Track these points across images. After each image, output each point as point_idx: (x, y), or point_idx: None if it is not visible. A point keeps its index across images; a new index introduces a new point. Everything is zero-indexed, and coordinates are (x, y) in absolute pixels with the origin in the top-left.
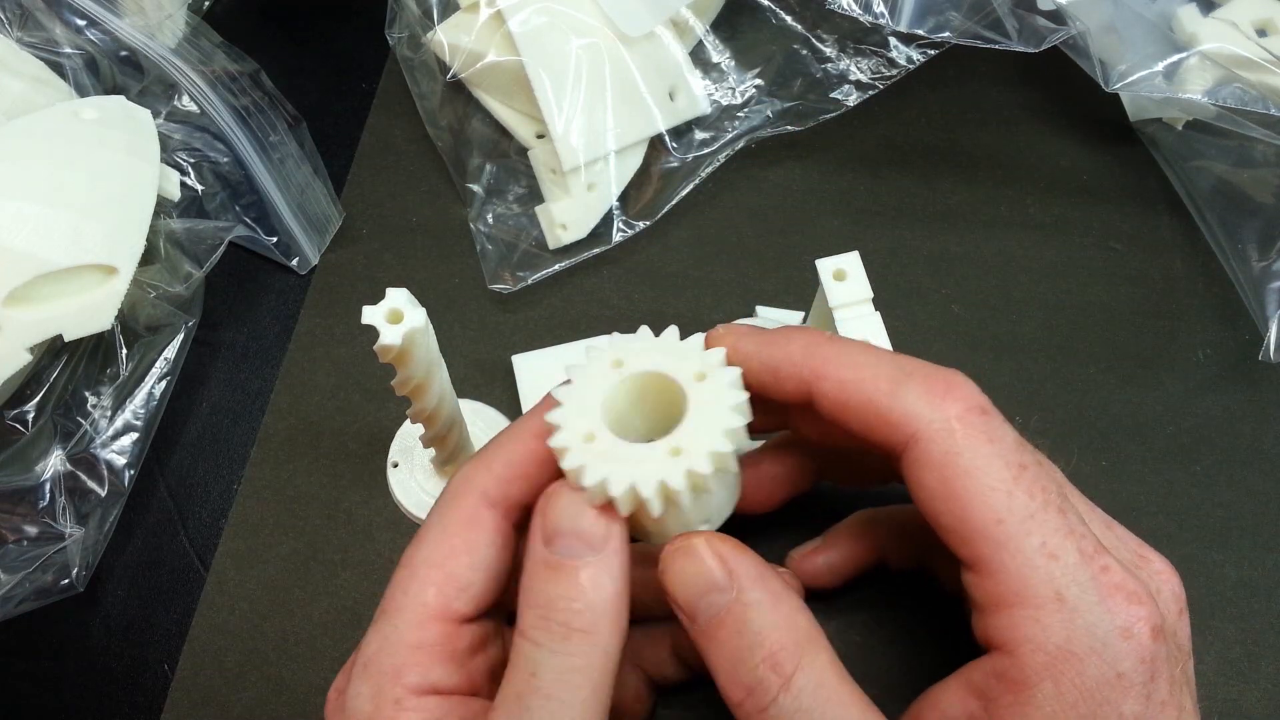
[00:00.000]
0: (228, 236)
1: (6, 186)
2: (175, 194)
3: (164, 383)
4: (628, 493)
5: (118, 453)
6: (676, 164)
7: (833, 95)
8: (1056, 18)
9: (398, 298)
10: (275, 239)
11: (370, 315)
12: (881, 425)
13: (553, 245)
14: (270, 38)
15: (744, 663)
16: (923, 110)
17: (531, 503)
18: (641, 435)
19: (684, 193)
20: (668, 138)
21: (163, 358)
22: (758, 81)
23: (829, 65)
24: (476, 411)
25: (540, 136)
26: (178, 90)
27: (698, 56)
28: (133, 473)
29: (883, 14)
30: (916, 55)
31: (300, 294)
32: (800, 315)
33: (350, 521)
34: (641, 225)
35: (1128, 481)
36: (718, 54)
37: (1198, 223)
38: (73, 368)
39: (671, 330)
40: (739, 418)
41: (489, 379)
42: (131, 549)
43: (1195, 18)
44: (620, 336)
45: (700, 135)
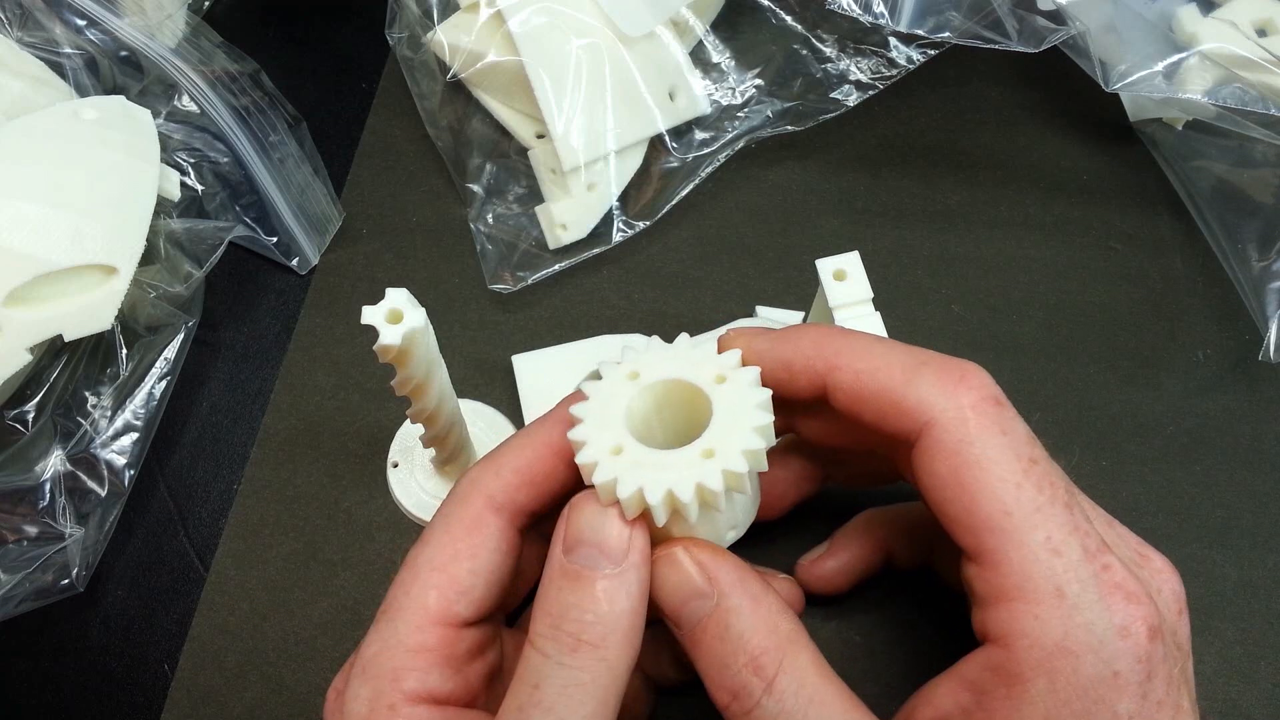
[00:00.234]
0: (228, 236)
1: (6, 186)
2: (175, 194)
3: (164, 383)
4: (665, 499)
5: (118, 453)
6: (676, 164)
7: (833, 95)
8: (1056, 18)
9: (398, 298)
10: (275, 239)
11: (370, 315)
12: (895, 414)
13: (553, 245)
14: (270, 38)
15: (728, 667)
16: (923, 110)
17: (538, 509)
18: (662, 445)
19: (684, 193)
20: (668, 138)
21: (163, 358)
22: (758, 81)
23: (829, 65)
24: (476, 411)
25: (540, 136)
26: (178, 90)
27: (698, 56)
28: (133, 473)
29: (883, 14)
30: (916, 55)
31: (300, 294)
32: (800, 315)
33: (350, 521)
34: (641, 225)
35: (1128, 481)
36: (718, 54)
37: (1198, 223)
38: (73, 368)
39: (683, 337)
40: (766, 415)
41: (489, 379)
42: (131, 549)
43: (1195, 18)
44: (630, 345)
45: (700, 135)
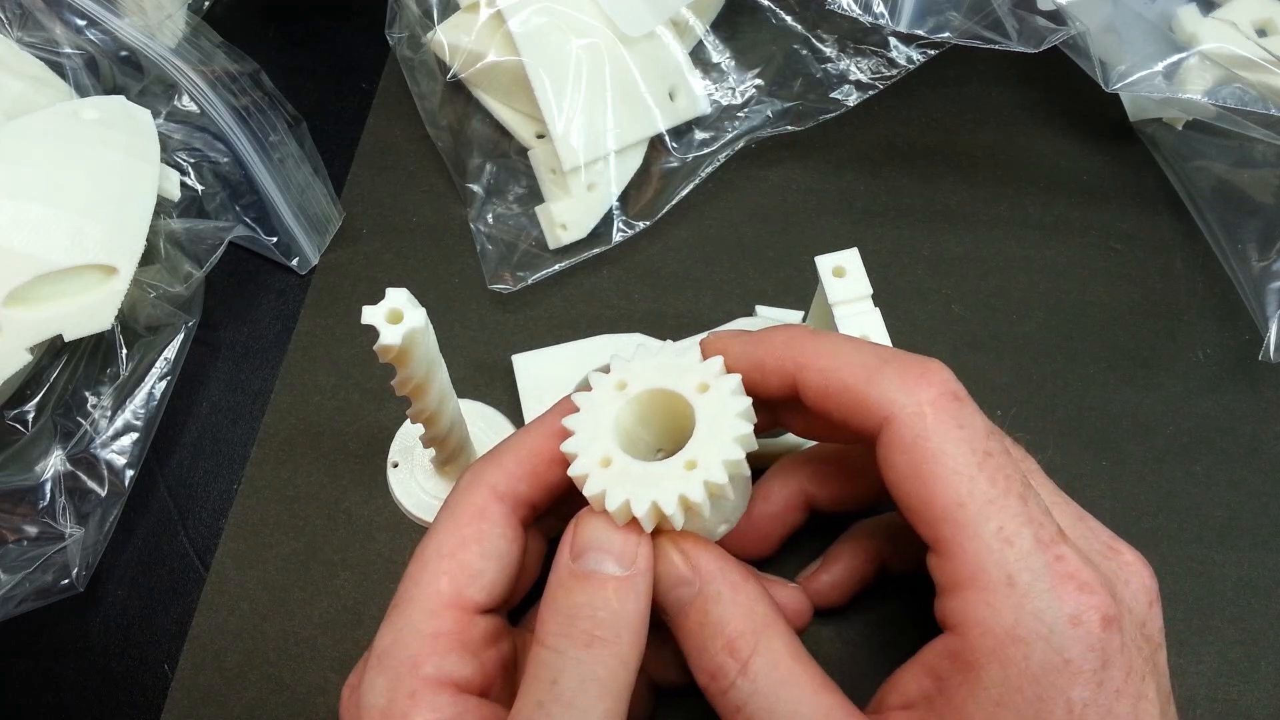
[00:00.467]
0: (228, 236)
1: (6, 186)
2: (175, 194)
3: (164, 383)
4: (650, 511)
5: (118, 453)
6: (676, 164)
7: (833, 95)
8: (1056, 18)
9: (398, 298)
10: (275, 239)
11: (370, 315)
12: (859, 411)
13: (553, 245)
14: (270, 38)
15: (706, 650)
16: (923, 110)
17: (539, 503)
18: (651, 446)
19: (684, 193)
20: (668, 138)
21: (163, 358)
22: (758, 81)
23: (829, 65)
24: (476, 411)
25: (540, 136)
26: (178, 90)
27: (698, 56)
28: (133, 473)
29: (883, 14)
30: (916, 55)
31: (300, 294)
32: (800, 314)
33: (350, 521)
34: (641, 225)
35: (1128, 481)
36: (718, 54)
37: (1198, 223)
38: (73, 368)
39: (668, 344)
40: (746, 424)
41: (489, 379)
42: (131, 549)
43: (1195, 18)
44: (617, 354)
45: (700, 135)
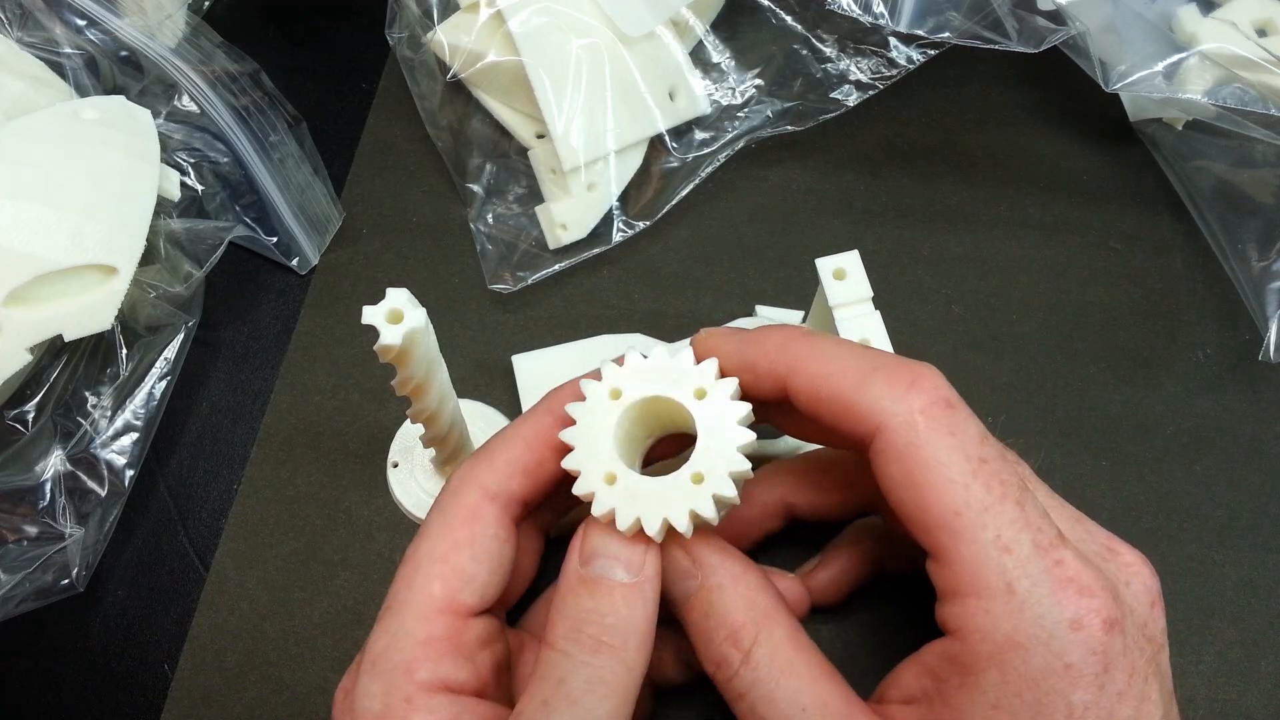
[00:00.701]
0: (228, 236)
1: (6, 186)
2: (175, 194)
3: (164, 383)
4: (662, 528)
5: (118, 453)
6: (676, 164)
7: (833, 95)
8: (1056, 18)
9: (398, 298)
10: (275, 239)
11: (370, 315)
12: (850, 418)
13: (553, 245)
14: (270, 38)
15: (711, 640)
16: (923, 110)
17: (531, 499)
18: (645, 440)
19: (684, 193)
20: (668, 138)
21: (163, 358)
22: (758, 81)
23: (829, 65)
24: (476, 411)
25: (540, 136)
26: (178, 90)
27: (698, 56)
28: (133, 473)
29: (883, 14)
30: (916, 55)
31: (300, 294)
32: (800, 315)
33: (350, 521)
34: (641, 225)
35: (1128, 481)
36: (718, 54)
37: (1198, 223)
38: (73, 368)
39: (660, 348)
40: (747, 431)
41: (489, 379)
42: (131, 549)
43: (1195, 18)
44: (605, 362)
45: (700, 135)
